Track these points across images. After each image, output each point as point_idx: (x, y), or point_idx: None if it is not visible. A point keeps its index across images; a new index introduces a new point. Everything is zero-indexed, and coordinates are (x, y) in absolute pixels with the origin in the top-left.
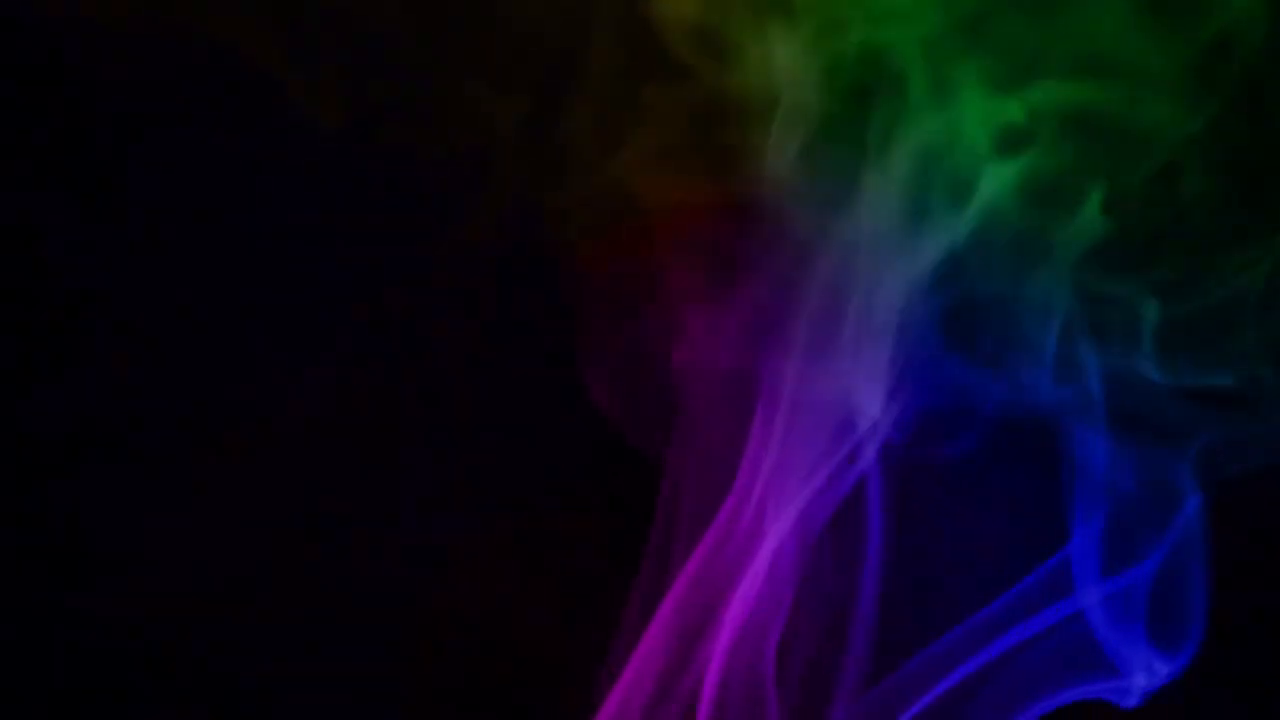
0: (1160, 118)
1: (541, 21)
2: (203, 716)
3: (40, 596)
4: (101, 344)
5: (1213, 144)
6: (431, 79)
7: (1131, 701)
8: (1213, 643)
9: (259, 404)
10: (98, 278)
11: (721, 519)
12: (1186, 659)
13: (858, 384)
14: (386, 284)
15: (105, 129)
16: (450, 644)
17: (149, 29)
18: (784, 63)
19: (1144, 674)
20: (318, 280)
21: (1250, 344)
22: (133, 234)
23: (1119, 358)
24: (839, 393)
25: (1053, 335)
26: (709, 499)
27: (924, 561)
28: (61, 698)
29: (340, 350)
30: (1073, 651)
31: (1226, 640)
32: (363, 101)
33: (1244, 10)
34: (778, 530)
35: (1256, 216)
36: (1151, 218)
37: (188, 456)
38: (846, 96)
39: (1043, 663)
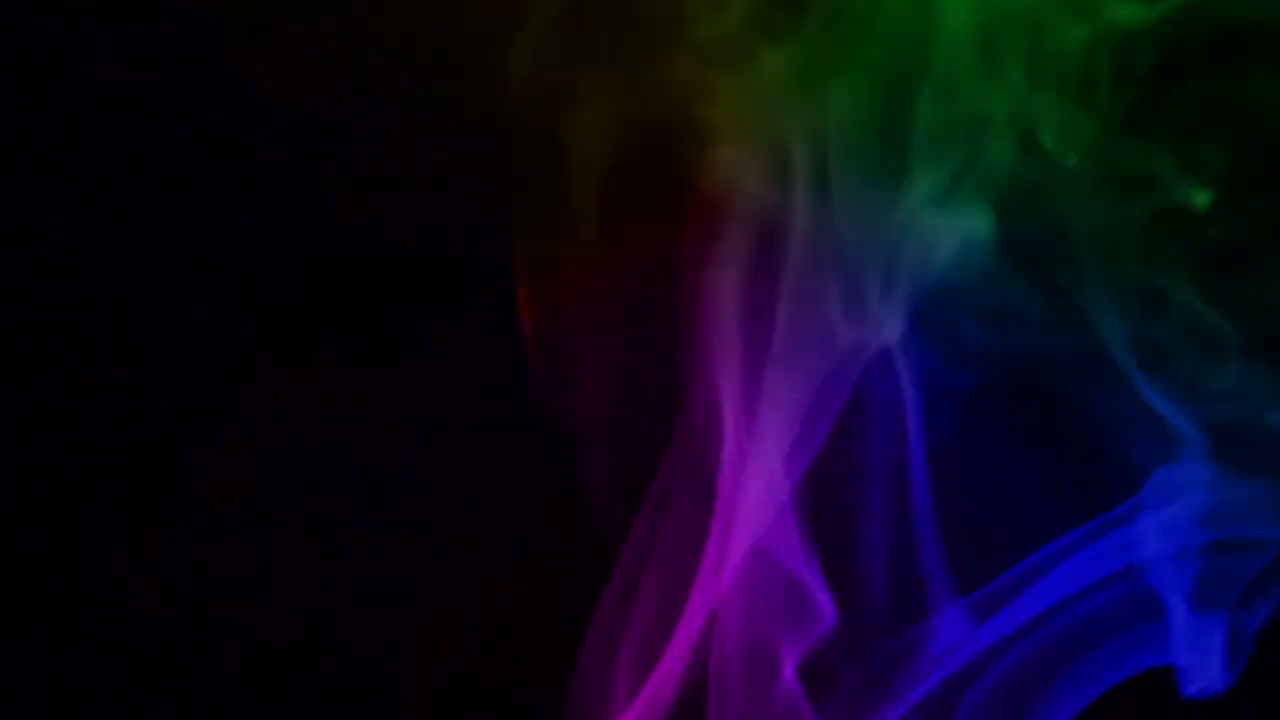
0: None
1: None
2: (202, 716)
3: (39, 596)
4: (102, 344)
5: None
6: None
7: (1195, 686)
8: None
9: (259, 404)
10: (98, 278)
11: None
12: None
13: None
14: (386, 285)
15: (105, 129)
16: (450, 644)
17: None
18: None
19: (1218, 654)
20: (318, 281)
21: None
22: (133, 234)
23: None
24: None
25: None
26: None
27: (972, 513)
28: (61, 698)
29: (340, 351)
30: (1137, 621)
31: None
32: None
33: None
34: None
35: None
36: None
37: (187, 457)
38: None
39: (1102, 632)
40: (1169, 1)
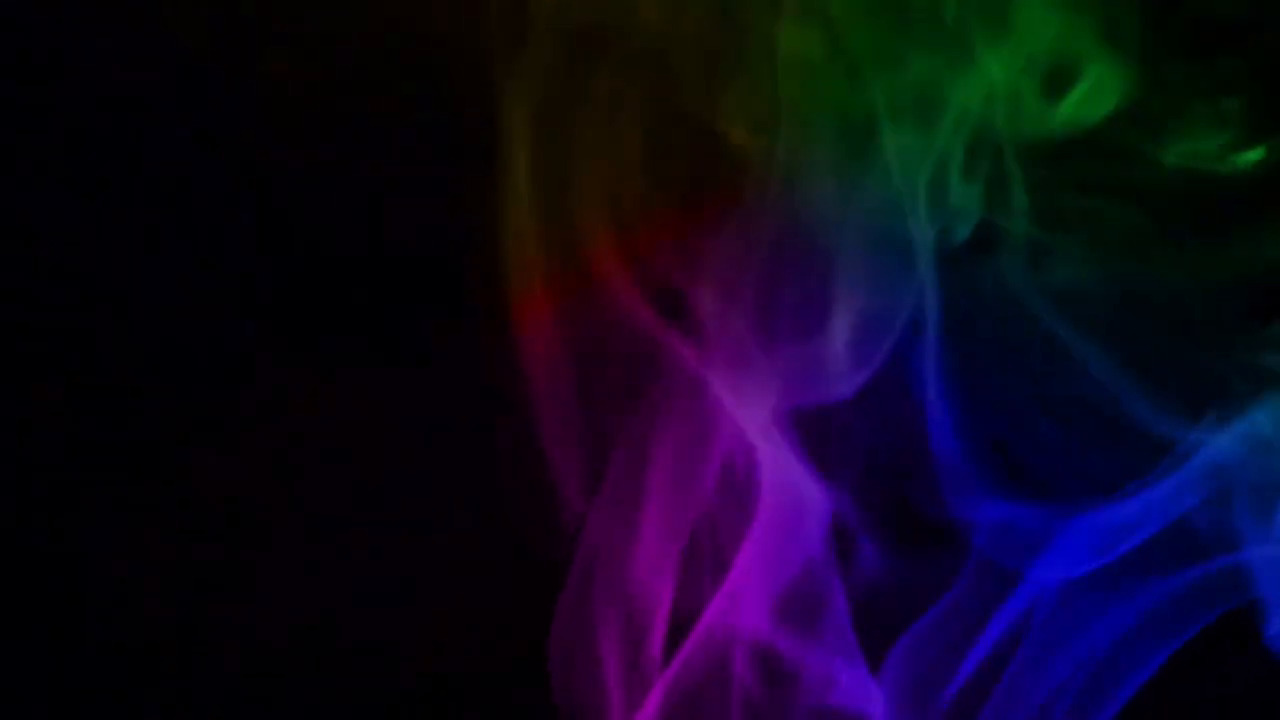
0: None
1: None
2: (202, 716)
3: (39, 596)
4: (102, 344)
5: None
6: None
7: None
8: None
9: (259, 404)
10: (98, 278)
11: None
12: None
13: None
14: (386, 285)
15: (105, 129)
16: (450, 644)
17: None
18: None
19: None
20: (318, 281)
21: None
22: (133, 234)
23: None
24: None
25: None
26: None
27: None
28: (61, 698)
29: (340, 351)
30: (1223, 555)
31: None
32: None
33: None
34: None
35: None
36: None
37: (187, 457)
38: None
39: (1186, 569)
40: None
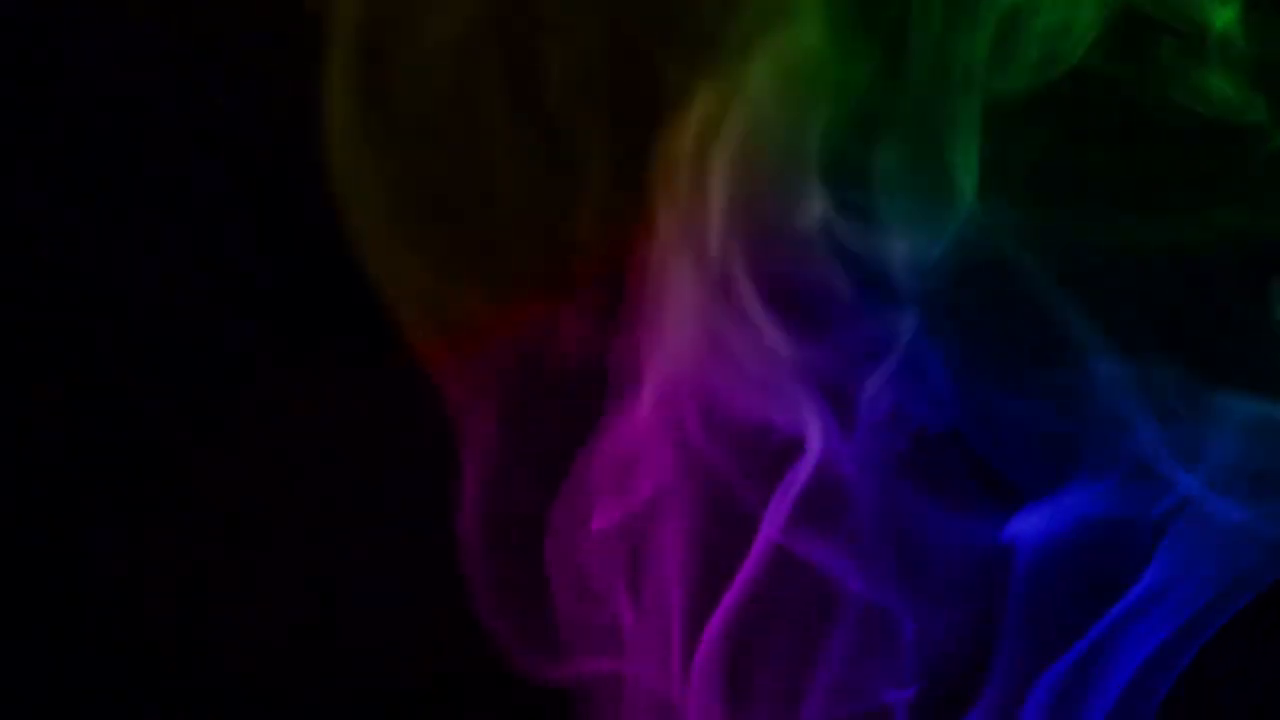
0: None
1: None
2: (202, 716)
3: (39, 596)
4: (102, 344)
5: None
6: None
7: None
8: None
9: (259, 404)
10: (98, 278)
11: None
12: None
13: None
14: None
15: (105, 129)
16: (450, 644)
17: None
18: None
19: None
20: (318, 281)
21: None
22: (133, 234)
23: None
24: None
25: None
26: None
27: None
28: (61, 698)
29: (340, 351)
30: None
31: None
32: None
33: None
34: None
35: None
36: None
37: (187, 456)
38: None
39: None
40: None
